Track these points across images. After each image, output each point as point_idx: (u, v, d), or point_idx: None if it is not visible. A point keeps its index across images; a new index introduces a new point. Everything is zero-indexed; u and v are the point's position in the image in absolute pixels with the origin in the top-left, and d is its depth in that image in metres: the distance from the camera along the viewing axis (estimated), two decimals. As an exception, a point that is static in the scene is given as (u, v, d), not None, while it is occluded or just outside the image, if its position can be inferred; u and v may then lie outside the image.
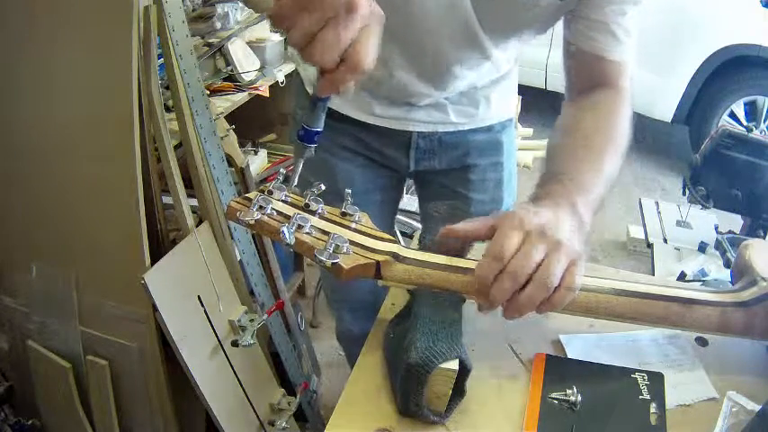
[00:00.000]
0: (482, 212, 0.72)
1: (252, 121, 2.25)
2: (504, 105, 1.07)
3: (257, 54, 2.06)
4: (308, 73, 1.06)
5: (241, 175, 1.54)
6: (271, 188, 0.70)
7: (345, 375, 0.66)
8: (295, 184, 0.68)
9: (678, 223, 2.69)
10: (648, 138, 3.69)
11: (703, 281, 2.15)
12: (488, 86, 1.02)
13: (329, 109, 0.65)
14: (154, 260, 1.17)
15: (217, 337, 1.26)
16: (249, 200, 0.68)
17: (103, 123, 1.13)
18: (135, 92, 1.09)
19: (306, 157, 0.67)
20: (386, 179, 1.11)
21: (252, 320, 1.31)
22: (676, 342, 0.72)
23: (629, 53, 0.82)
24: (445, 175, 1.09)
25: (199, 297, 1.23)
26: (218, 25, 2.04)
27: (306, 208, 0.69)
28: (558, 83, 3.05)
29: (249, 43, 2.05)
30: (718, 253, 2.06)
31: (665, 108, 3.32)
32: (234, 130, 1.49)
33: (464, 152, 1.06)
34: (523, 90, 1.51)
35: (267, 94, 2.03)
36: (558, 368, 0.67)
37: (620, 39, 0.80)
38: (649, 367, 0.68)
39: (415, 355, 0.57)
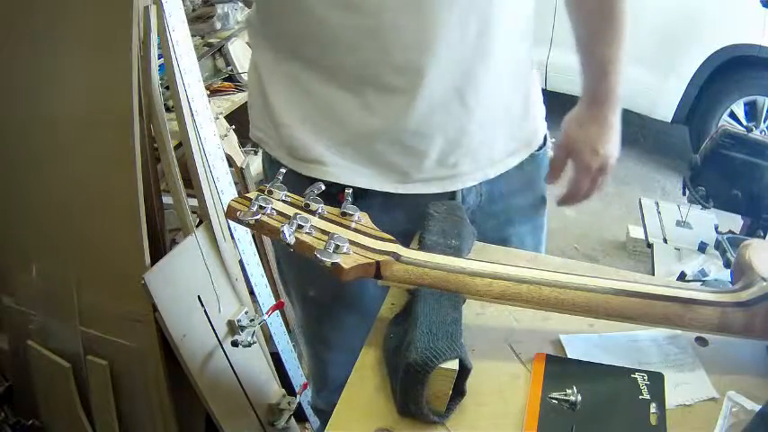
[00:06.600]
0: None
1: (252, 121, 2.24)
2: None
3: (257, 54, 2.05)
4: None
5: (241, 175, 1.55)
6: (271, 188, 0.70)
7: (345, 375, 0.66)
8: None
9: (678, 223, 2.68)
10: (648, 138, 3.69)
11: (703, 281, 2.15)
12: None
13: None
14: (154, 260, 1.17)
15: (217, 337, 1.26)
16: (249, 200, 0.68)
17: (103, 123, 1.13)
18: (135, 92, 1.09)
19: None
20: None
21: (252, 320, 1.31)
22: (676, 342, 0.72)
23: None
24: None
25: (199, 297, 1.23)
26: (218, 25, 2.04)
27: (306, 208, 0.69)
28: (557, 83, 3.03)
29: (249, 43, 2.05)
30: (718, 253, 2.06)
31: (665, 108, 3.31)
32: (234, 130, 1.50)
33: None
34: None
35: (267, 94, 2.02)
36: (558, 368, 0.67)
37: None
38: (649, 367, 0.68)
39: (414, 354, 0.57)
